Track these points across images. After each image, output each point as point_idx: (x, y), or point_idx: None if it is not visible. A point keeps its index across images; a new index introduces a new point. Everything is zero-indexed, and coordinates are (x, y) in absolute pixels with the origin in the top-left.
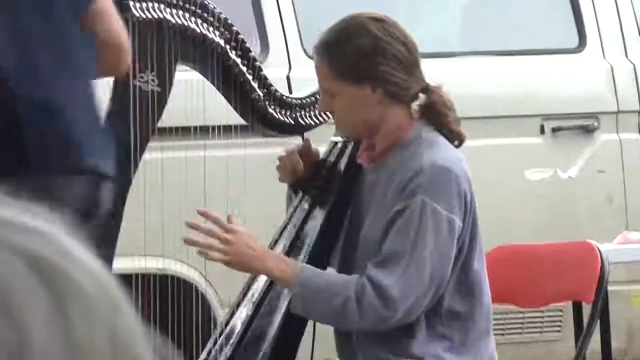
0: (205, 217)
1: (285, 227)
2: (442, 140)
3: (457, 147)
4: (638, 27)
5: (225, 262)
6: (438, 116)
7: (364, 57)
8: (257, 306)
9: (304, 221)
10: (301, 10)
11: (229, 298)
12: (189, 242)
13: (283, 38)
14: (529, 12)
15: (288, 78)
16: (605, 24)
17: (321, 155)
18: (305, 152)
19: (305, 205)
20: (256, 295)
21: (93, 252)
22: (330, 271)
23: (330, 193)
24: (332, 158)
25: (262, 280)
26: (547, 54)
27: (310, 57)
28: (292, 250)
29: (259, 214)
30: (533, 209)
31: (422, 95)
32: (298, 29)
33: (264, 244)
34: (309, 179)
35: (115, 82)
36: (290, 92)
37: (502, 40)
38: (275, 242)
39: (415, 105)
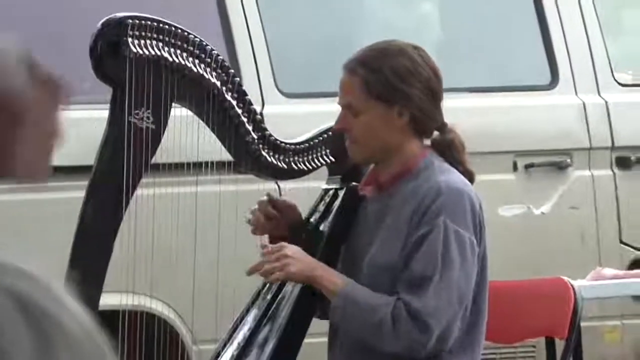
0: (264, 250)
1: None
2: (452, 169)
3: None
4: (610, 64)
5: (291, 272)
6: (454, 154)
7: (400, 77)
8: (244, 347)
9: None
10: (274, 47)
11: (204, 335)
12: (252, 270)
13: (256, 75)
14: (501, 49)
15: (261, 114)
16: (577, 61)
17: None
18: (281, 205)
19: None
20: (243, 334)
21: (80, 291)
22: (369, 290)
23: (324, 234)
24: (322, 206)
25: (249, 320)
26: (520, 90)
27: (283, 94)
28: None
29: (250, 248)
30: (506, 244)
31: (436, 133)
32: (271, 65)
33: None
34: (295, 227)
35: (111, 118)
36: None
37: (475, 77)
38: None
39: (427, 142)
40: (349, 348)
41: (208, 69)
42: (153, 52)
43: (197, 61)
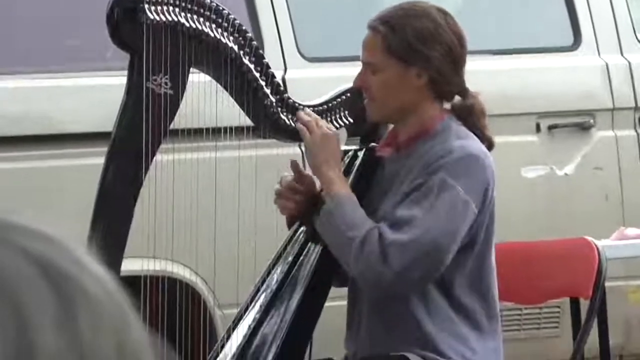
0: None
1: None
2: (472, 134)
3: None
4: (632, 24)
5: (308, 143)
6: (475, 120)
7: (422, 39)
8: (266, 310)
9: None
10: (296, 10)
11: (227, 300)
12: (301, 118)
13: (278, 39)
14: (524, 10)
15: (283, 80)
16: (599, 22)
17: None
18: (300, 178)
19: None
20: (264, 299)
21: (102, 256)
22: (362, 210)
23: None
24: (342, 166)
25: (271, 283)
26: (543, 52)
27: (305, 59)
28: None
29: (268, 213)
30: (530, 206)
31: (457, 98)
32: (293, 29)
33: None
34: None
35: (129, 84)
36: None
37: (498, 39)
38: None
39: (447, 105)
40: (371, 328)
41: (225, 34)
42: (170, 18)
43: (214, 26)
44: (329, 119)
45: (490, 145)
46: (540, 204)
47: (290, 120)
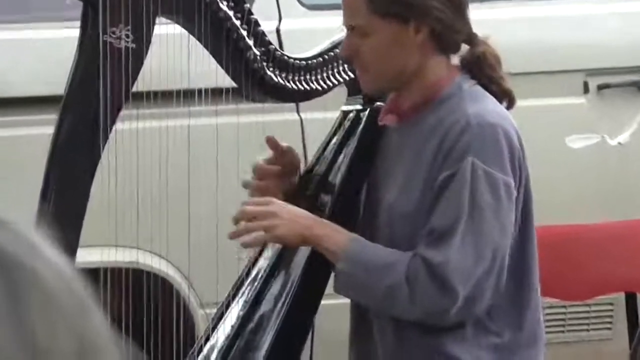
0: (241, 217)
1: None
2: (487, 94)
3: (506, 109)
4: None
5: (272, 238)
6: (487, 71)
7: None
8: (252, 306)
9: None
10: None
11: (209, 297)
12: (235, 235)
13: None
14: None
15: (278, 31)
16: None
17: (329, 130)
18: (280, 158)
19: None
20: (249, 293)
21: (57, 236)
22: (380, 247)
23: (344, 164)
24: (341, 132)
25: (257, 273)
26: None
27: (303, 5)
28: None
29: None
30: (576, 182)
31: (465, 47)
32: None
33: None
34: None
35: (82, 38)
36: (281, 48)
37: None
38: None
39: (456, 58)
40: (387, 341)
41: None
42: None
43: None
44: (324, 73)
45: (510, 102)
46: (588, 179)
47: (279, 77)
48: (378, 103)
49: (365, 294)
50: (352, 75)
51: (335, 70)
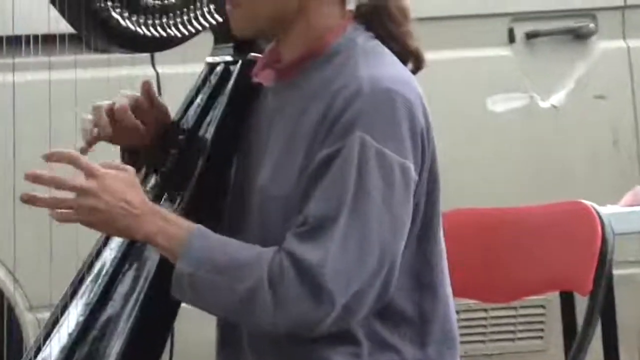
0: (54, 160)
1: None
2: (386, 51)
3: (412, 73)
4: None
5: (85, 223)
6: (391, 25)
7: None
8: (95, 309)
9: (173, 175)
10: None
11: (41, 299)
12: (26, 198)
13: None
14: None
15: None
16: None
17: (192, 86)
18: (144, 102)
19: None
20: (91, 293)
21: None
22: (232, 241)
23: (207, 133)
24: (206, 89)
25: (101, 267)
26: None
27: None
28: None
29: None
30: (499, 154)
31: None
32: None
33: (140, 192)
34: (160, 137)
35: None
36: None
37: None
38: None
39: (351, 5)
40: (256, 348)
41: None
42: None
43: None
44: (185, 16)
45: (417, 63)
46: (513, 151)
47: (129, 21)
48: (252, 54)
49: (213, 301)
50: (219, 19)
51: (199, 12)
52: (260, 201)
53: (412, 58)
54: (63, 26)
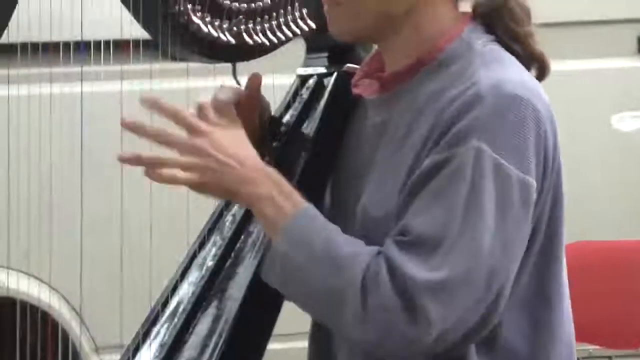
0: (154, 109)
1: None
2: (508, 56)
3: (537, 80)
4: None
5: (195, 185)
6: (511, 25)
7: None
8: (171, 351)
9: None
10: None
11: (109, 338)
12: (127, 156)
13: None
14: None
15: None
16: None
17: (280, 100)
18: (248, 99)
19: None
20: (167, 333)
21: None
22: (336, 231)
23: (301, 147)
24: (297, 104)
25: (177, 305)
26: None
27: None
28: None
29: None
30: (627, 179)
31: None
32: None
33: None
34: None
35: None
36: None
37: None
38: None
39: (467, 3)
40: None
41: None
42: None
43: None
44: (274, 21)
45: (542, 70)
46: None
47: (210, 26)
48: (349, 65)
49: (301, 290)
50: (312, 25)
51: (290, 17)
52: (362, 222)
53: (536, 63)
54: (136, 31)
